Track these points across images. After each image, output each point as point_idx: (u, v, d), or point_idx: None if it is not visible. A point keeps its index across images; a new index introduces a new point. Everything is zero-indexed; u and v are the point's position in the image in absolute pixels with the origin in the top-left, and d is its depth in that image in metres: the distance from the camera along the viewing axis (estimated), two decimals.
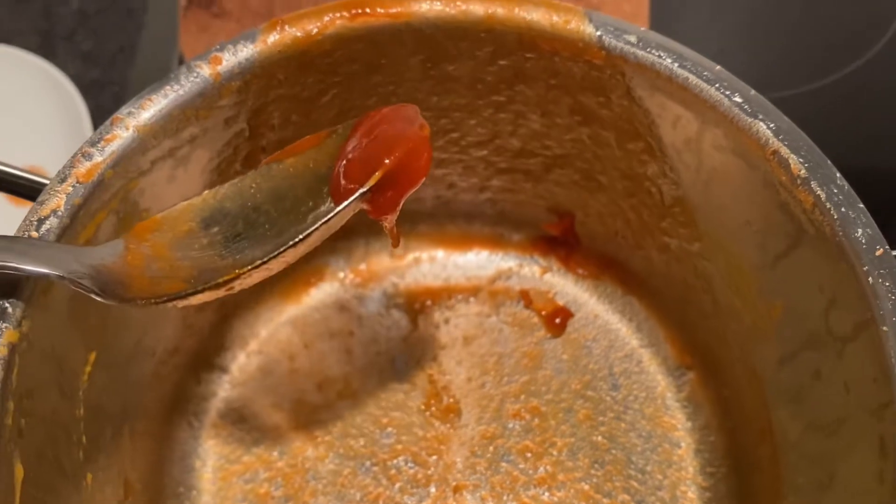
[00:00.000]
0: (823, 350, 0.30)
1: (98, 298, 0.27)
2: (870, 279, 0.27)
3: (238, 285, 0.28)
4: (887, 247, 0.27)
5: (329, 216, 0.29)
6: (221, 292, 0.28)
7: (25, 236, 0.28)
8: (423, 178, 0.30)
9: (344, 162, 0.29)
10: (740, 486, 0.37)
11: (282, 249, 0.28)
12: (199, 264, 0.29)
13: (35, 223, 0.28)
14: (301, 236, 0.28)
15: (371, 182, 0.29)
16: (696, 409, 0.39)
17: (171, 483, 0.38)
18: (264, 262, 0.28)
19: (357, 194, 0.29)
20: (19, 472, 0.26)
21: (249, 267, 0.28)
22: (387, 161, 0.29)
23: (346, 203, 0.29)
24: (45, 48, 0.53)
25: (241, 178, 0.31)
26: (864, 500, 0.26)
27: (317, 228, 0.29)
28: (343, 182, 0.29)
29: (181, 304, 0.28)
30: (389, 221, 0.31)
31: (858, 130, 0.49)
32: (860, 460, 0.27)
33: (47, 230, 0.28)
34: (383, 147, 0.29)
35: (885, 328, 0.27)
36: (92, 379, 0.31)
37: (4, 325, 0.26)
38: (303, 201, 0.30)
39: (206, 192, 0.31)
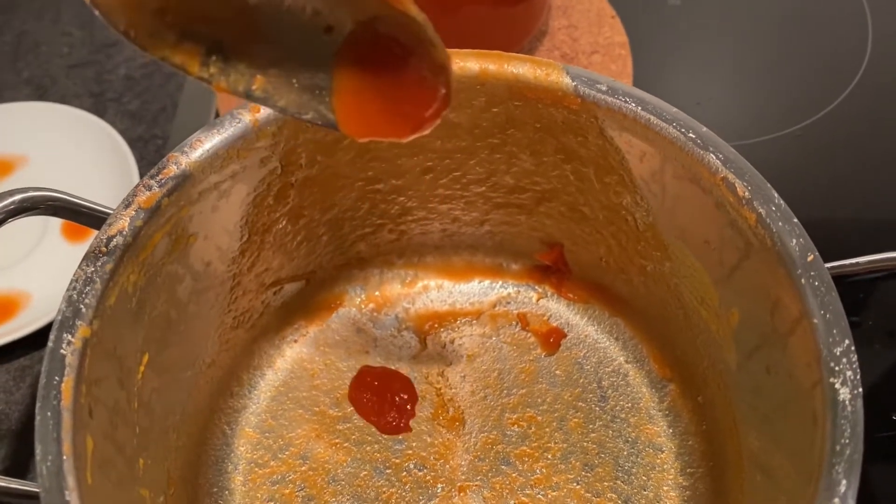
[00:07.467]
0: (772, 347, 0.34)
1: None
2: (803, 280, 0.32)
3: None
4: (816, 253, 0.32)
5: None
6: None
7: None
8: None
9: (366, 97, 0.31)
10: (716, 485, 0.40)
11: None
12: None
13: (104, 240, 0.33)
14: None
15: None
16: (677, 417, 0.43)
17: (206, 483, 0.41)
18: None
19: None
20: (90, 443, 0.31)
21: None
22: (384, 138, 0.31)
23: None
24: (97, 108, 0.58)
25: None
26: (801, 467, 0.31)
27: None
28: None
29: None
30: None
31: (818, 172, 0.54)
32: (800, 436, 0.31)
33: (114, 246, 0.33)
34: (393, 119, 0.31)
35: (815, 320, 0.31)
36: (145, 378, 0.36)
37: (80, 322, 0.32)
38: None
39: None
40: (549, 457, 0.42)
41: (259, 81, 0.31)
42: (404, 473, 0.42)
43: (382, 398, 0.44)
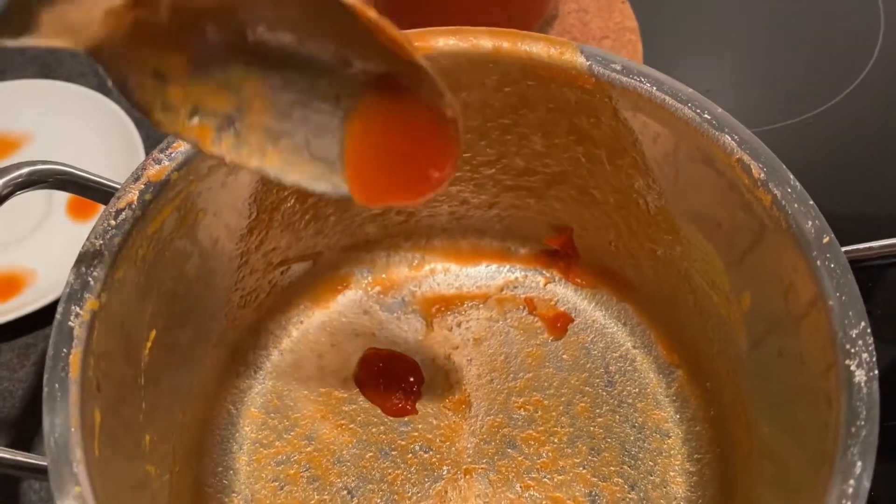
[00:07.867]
0: (784, 330, 0.34)
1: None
2: (818, 262, 0.32)
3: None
4: (832, 235, 0.32)
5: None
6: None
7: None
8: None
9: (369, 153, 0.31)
10: (724, 470, 0.40)
11: None
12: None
13: (113, 213, 0.33)
14: None
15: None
16: (684, 403, 0.42)
17: (211, 462, 0.41)
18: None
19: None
20: (98, 416, 0.30)
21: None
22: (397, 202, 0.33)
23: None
24: (103, 88, 0.57)
25: None
26: (812, 451, 0.30)
27: None
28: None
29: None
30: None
31: (830, 160, 0.54)
32: (812, 419, 0.31)
33: (123, 220, 0.33)
34: (406, 181, 0.31)
35: (830, 302, 0.31)
36: (152, 354, 0.35)
37: (88, 295, 0.31)
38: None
39: None
40: (556, 441, 0.42)
41: (271, 155, 0.31)
42: (410, 455, 0.41)
43: (388, 380, 0.44)
